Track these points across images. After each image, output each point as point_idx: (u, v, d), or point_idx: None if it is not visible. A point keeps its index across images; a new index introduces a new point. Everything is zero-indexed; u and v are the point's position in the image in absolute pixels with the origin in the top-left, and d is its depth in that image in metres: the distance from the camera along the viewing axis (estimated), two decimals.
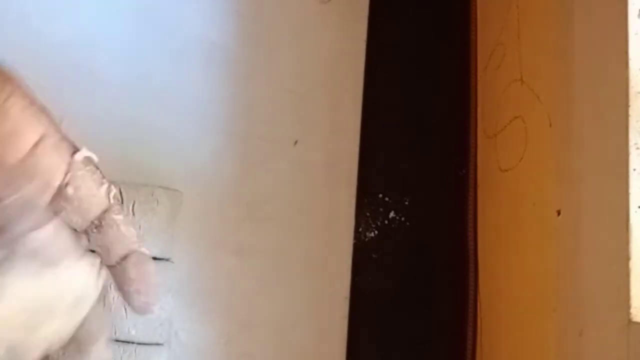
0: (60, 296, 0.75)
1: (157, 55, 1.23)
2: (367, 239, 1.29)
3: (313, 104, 1.30)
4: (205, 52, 1.26)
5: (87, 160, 0.77)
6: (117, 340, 1.07)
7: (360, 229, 1.29)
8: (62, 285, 0.75)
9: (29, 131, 0.72)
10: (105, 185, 0.77)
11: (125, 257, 0.78)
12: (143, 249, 0.79)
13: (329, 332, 1.25)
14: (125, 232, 0.77)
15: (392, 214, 1.29)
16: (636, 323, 0.84)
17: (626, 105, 0.88)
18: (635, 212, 0.86)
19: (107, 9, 1.22)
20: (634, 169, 0.87)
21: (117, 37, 1.22)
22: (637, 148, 0.87)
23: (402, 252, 1.30)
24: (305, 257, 1.26)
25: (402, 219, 1.30)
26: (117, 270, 0.79)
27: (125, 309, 1.07)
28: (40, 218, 0.72)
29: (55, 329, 0.75)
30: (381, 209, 1.30)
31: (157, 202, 1.12)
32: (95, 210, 0.76)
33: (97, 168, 0.77)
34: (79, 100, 1.18)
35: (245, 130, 1.26)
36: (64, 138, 0.77)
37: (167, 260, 1.13)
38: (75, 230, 0.76)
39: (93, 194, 0.76)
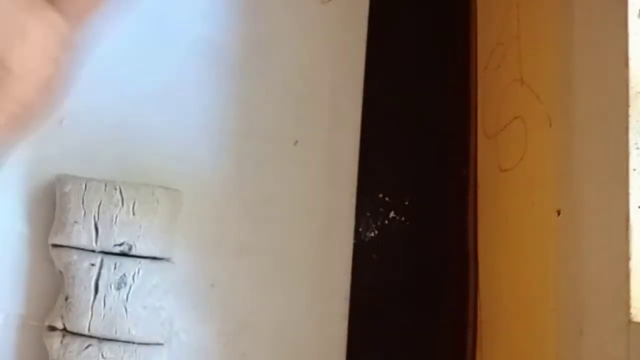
0: None
1: (157, 55, 1.23)
2: (367, 239, 1.29)
3: (313, 104, 1.30)
4: (205, 52, 1.26)
5: None
6: (117, 340, 1.07)
7: (360, 229, 1.29)
8: None
9: None
10: None
11: None
12: None
13: (329, 332, 1.25)
14: None
15: (392, 214, 1.29)
16: (636, 323, 0.84)
17: (626, 105, 0.88)
18: (635, 212, 0.86)
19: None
20: (634, 169, 0.87)
21: (116, 37, 1.21)
22: (637, 148, 0.87)
23: (402, 252, 1.30)
24: (305, 257, 1.26)
25: (402, 219, 1.30)
26: None
27: (126, 309, 1.07)
28: None
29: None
30: (381, 209, 1.30)
31: (157, 202, 1.12)
32: None
33: None
34: (79, 100, 1.18)
35: (245, 130, 1.26)
36: None
37: (167, 260, 1.13)
38: None
39: None
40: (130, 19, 1.23)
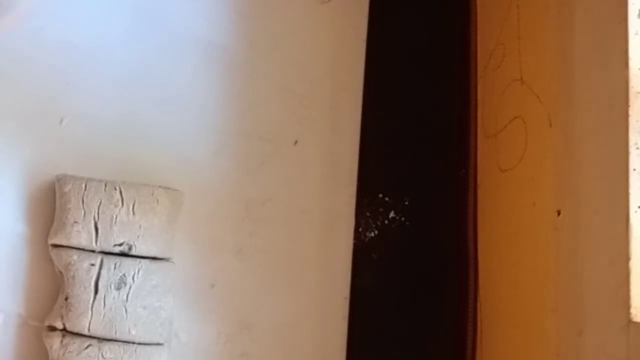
0: None
1: (157, 55, 1.23)
2: (367, 239, 1.29)
3: (313, 104, 1.30)
4: (205, 52, 1.26)
5: None
6: (117, 340, 1.07)
7: (360, 229, 1.29)
8: None
9: None
10: None
11: None
12: None
13: (329, 332, 1.25)
14: None
15: (392, 214, 1.29)
16: (636, 323, 0.84)
17: (626, 105, 0.88)
18: (635, 212, 0.86)
19: (107, 9, 1.22)
20: (634, 169, 0.87)
21: (116, 37, 1.22)
22: (637, 148, 0.87)
23: (402, 252, 1.30)
24: (305, 257, 1.26)
25: (402, 219, 1.30)
26: None
27: (126, 309, 1.07)
28: None
29: None
30: (381, 209, 1.30)
31: (157, 202, 1.12)
32: None
33: None
34: (79, 100, 1.18)
35: (245, 130, 1.26)
36: None
37: (167, 260, 1.13)
38: None
39: None
40: (130, 20, 1.23)
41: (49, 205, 1.12)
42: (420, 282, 1.29)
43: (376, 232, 1.29)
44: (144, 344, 1.08)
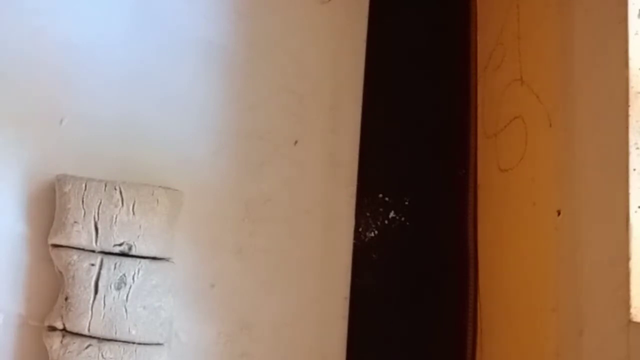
0: None
1: (157, 55, 1.23)
2: (367, 239, 1.29)
3: (313, 104, 1.30)
4: (205, 52, 1.26)
5: None
6: (117, 340, 1.07)
7: (360, 229, 1.29)
8: None
9: None
10: None
11: None
12: None
13: (329, 332, 1.25)
14: None
15: (392, 214, 1.29)
16: (636, 323, 0.84)
17: (626, 105, 0.88)
18: (635, 212, 0.86)
19: (107, 9, 1.22)
20: (634, 169, 0.87)
21: (116, 37, 1.22)
22: (637, 148, 0.87)
23: (402, 252, 1.30)
24: (305, 257, 1.26)
25: (402, 219, 1.30)
26: None
27: (126, 309, 1.07)
28: None
29: None
30: (381, 209, 1.30)
31: (157, 202, 1.12)
32: None
33: None
34: (79, 100, 1.18)
35: (245, 130, 1.26)
36: None
37: (167, 260, 1.13)
38: None
39: None
40: (130, 20, 1.23)
41: (49, 205, 1.12)
42: (420, 282, 1.29)
43: (376, 232, 1.29)
44: (144, 344, 1.08)
